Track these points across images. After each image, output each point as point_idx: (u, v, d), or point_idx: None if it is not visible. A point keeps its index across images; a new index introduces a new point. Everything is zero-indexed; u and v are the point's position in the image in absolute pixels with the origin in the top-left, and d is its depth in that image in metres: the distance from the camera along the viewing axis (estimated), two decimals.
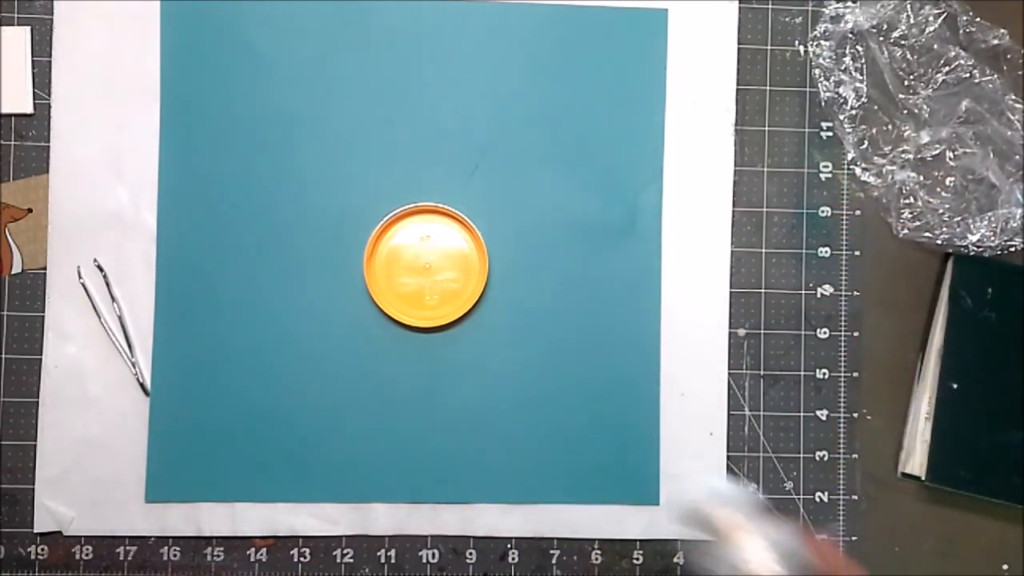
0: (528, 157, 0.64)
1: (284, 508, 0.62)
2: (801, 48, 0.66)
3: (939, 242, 0.64)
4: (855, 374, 0.65)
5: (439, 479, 0.63)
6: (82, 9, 0.62)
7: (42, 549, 0.62)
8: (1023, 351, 0.63)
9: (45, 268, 0.62)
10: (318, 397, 0.62)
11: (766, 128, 0.65)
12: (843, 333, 0.65)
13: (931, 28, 0.64)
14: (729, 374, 0.65)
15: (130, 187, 0.62)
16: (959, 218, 0.64)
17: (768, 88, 0.66)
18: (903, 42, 0.64)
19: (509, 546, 0.63)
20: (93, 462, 0.62)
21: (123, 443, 0.62)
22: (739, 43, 0.65)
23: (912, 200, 0.64)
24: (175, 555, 0.62)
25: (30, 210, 0.62)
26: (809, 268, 0.65)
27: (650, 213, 0.64)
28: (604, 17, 0.64)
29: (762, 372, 0.65)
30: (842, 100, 0.65)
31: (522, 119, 0.64)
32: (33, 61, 0.62)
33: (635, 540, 0.64)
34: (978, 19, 0.64)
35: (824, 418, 0.65)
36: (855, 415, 0.65)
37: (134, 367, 0.62)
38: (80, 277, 0.62)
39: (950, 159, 0.64)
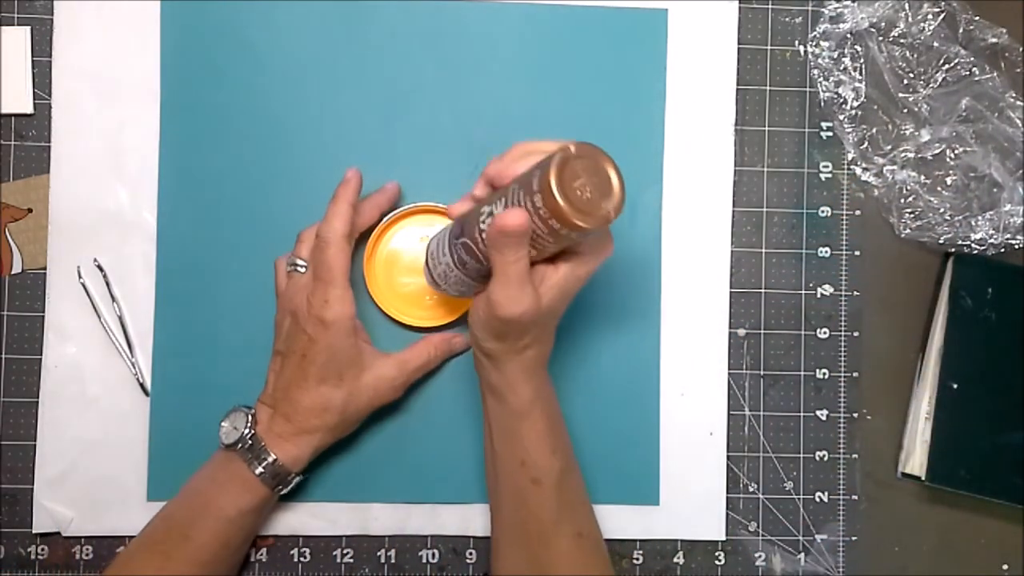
0: None
1: (284, 508, 0.62)
2: (801, 48, 0.66)
3: (941, 241, 0.64)
4: (855, 374, 0.65)
5: (439, 479, 0.63)
6: (82, 9, 0.62)
7: (42, 549, 0.62)
8: (1023, 351, 0.63)
9: (45, 268, 0.62)
10: None
11: (766, 128, 0.65)
12: (843, 333, 0.65)
13: (930, 27, 0.64)
14: (729, 374, 0.64)
15: (130, 187, 0.62)
16: (961, 217, 0.64)
17: (768, 88, 0.66)
18: (902, 41, 0.64)
19: None
20: (93, 462, 0.62)
21: (123, 443, 0.62)
22: (739, 43, 0.65)
23: (913, 199, 0.64)
24: None
25: (30, 210, 0.62)
26: (809, 268, 0.65)
27: (650, 213, 0.64)
28: (604, 17, 0.64)
29: (762, 372, 0.65)
30: (842, 100, 0.65)
31: (522, 119, 0.64)
32: (33, 61, 0.62)
33: (635, 540, 0.64)
34: (977, 17, 0.64)
35: (824, 418, 0.65)
36: (855, 415, 0.65)
37: (134, 367, 0.62)
38: (80, 277, 0.62)
39: (950, 158, 0.64)
